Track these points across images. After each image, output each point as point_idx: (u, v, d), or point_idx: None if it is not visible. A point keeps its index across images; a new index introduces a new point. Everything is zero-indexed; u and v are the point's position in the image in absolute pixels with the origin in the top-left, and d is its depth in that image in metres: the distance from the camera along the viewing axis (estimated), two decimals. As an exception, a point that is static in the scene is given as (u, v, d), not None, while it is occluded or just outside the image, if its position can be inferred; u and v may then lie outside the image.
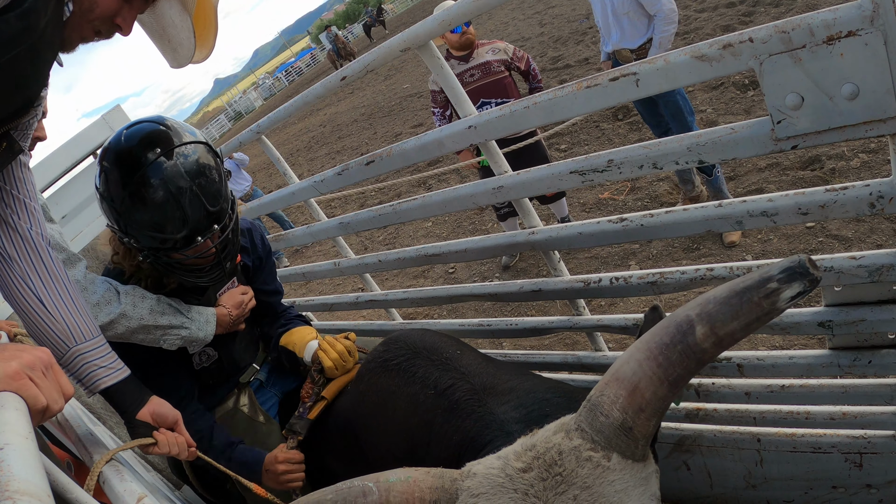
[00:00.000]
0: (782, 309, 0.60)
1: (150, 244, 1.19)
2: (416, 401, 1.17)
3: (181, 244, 1.18)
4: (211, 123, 43.48)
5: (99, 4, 0.87)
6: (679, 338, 0.63)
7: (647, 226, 1.24)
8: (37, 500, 0.51)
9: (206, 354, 1.55)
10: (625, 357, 0.66)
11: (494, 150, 1.41)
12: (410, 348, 1.28)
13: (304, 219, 7.34)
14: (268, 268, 1.69)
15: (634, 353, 0.65)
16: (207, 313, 1.45)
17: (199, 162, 1.17)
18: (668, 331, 0.64)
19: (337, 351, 1.48)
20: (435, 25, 1.27)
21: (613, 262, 3.56)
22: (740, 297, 0.61)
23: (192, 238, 1.18)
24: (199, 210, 1.17)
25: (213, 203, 1.19)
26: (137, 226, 1.17)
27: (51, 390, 0.74)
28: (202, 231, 1.19)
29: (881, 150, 3.20)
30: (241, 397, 1.65)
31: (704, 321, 0.62)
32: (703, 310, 0.63)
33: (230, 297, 1.52)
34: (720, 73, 0.95)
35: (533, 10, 12.18)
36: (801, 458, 1.43)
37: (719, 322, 0.61)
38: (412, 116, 9.71)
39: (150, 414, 1.15)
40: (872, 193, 0.95)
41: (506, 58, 3.38)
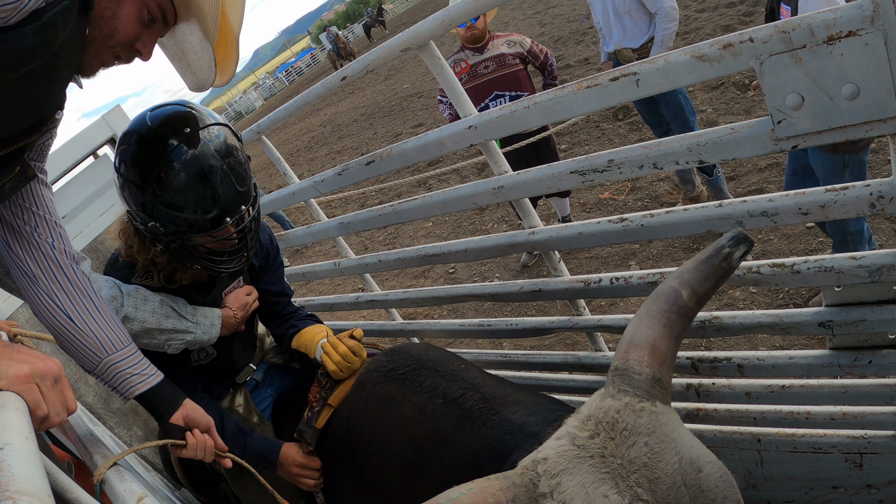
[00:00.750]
0: (735, 266, 0.82)
1: (178, 227, 1.18)
2: (425, 409, 1.16)
3: (210, 225, 1.18)
4: (211, 123, 43.34)
5: (119, 30, 0.87)
6: (672, 302, 0.81)
7: (647, 226, 1.24)
8: (37, 500, 0.51)
9: (206, 352, 1.54)
10: (633, 327, 0.81)
11: (494, 150, 1.41)
12: (415, 359, 1.27)
13: (304, 219, 7.35)
14: (274, 267, 1.66)
15: (641, 322, 0.81)
16: (213, 315, 1.43)
17: (226, 142, 1.18)
18: (662, 299, 0.82)
19: (340, 352, 1.43)
20: (435, 25, 1.27)
21: (614, 262, 3.56)
22: (706, 263, 0.83)
23: (221, 218, 1.18)
24: (230, 189, 1.16)
25: (242, 183, 1.19)
26: (166, 207, 1.15)
27: (55, 402, 0.76)
28: (232, 211, 1.19)
29: (881, 150, 3.20)
30: (236, 397, 1.64)
31: (686, 286, 0.82)
32: (682, 279, 0.83)
33: (235, 299, 1.51)
34: (720, 73, 0.95)
35: (533, 10, 12.18)
36: (801, 458, 1.43)
37: (697, 284, 0.82)
38: (412, 116, 9.71)
39: (183, 418, 1.17)
40: (872, 193, 0.94)
41: (521, 51, 3.35)
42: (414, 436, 1.17)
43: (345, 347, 1.44)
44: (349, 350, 1.44)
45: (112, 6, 0.85)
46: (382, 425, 1.26)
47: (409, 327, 2.13)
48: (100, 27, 0.85)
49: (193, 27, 0.96)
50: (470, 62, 3.37)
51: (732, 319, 1.30)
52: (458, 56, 3.42)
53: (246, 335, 1.64)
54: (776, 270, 1.15)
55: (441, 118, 8.37)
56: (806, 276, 1.11)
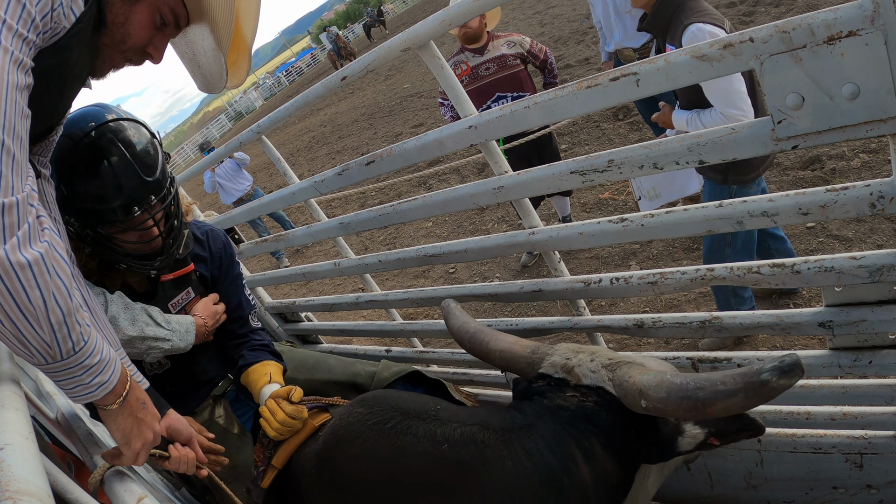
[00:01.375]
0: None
1: (88, 220, 1.20)
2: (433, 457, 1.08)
3: (119, 214, 1.19)
4: (211, 123, 43.51)
5: (132, 35, 0.87)
6: None
7: (647, 226, 1.24)
8: (37, 500, 0.51)
9: (158, 362, 1.50)
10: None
11: (495, 150, 1.41)
12: (397, 409, 1.19)
13: (304, 219, 7.35)
14: (231, 278, 1.60)
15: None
16: (186, 322, 1.43)
17: (132, 135, 1.21)
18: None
19: (279, 420, 1.38)
20: (435, 25, 1.27)
21: (614, 262, 3.56)
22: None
23: (129, 207, 1.19)
24: (134, 178, 1.19)
25: (148, 173, 1.21)
26: (77, 201, 1.18)
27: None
28: (139, 201, 1.20)
29: (881, 150, 3.20)
30: (216, 409, 1.63)
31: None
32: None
33: (204, 307, 1.49)
34: (721, 72, 0.95)
35: (533, 10, 12.18)
36: (801, 458, 1.43)
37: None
38: (412, 116, 9.71)
39: (166, 428, 1.15)
40: (873, 193, 0.94)
41: (521, 51, 3.34)
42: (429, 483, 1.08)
43: (283, 415, 1.39)
44: (287, 416, 1.39)
45: (125, 12, 0.85)
46: (389, 483, 1.14)
47: (409, 327, 2.13)
48: (112, 33, 0.85)
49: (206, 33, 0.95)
50: (471, 64, 3.35)
51: (732, 319, 1.30)
52: (458, 58, 3.40)
53: (212, 346, 1.60)
54: (776, 270, 1.15)
55: (441, 118, 8.38)
56: (806, 277, 1.11)
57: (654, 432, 0.97)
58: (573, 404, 1.00)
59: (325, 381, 1.77)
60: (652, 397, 0.89)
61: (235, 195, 6.41)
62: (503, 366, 1.19)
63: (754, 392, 0.79)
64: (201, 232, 1.57)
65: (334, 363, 1.85)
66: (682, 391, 0.86)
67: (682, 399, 0.85)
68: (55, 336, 0.75)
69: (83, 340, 0.80)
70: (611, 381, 0.99)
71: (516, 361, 1.12)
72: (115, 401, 0.92)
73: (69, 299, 0.76)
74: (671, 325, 1.39)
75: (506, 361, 1.17)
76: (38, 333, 0.73)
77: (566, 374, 1.04)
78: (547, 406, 1.02)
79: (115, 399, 0.91)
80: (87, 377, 0.83)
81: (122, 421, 0.95)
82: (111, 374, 0.88)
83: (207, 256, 1.55)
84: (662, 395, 0.88)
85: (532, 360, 1.10)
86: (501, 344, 1.15)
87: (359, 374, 1.80)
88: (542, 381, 1.07)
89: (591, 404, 0.99)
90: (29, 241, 0.69)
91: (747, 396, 0.80)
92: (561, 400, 1.01)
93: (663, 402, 0.88)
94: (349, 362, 1.86)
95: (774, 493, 1.54)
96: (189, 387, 1.59)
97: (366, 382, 1.79)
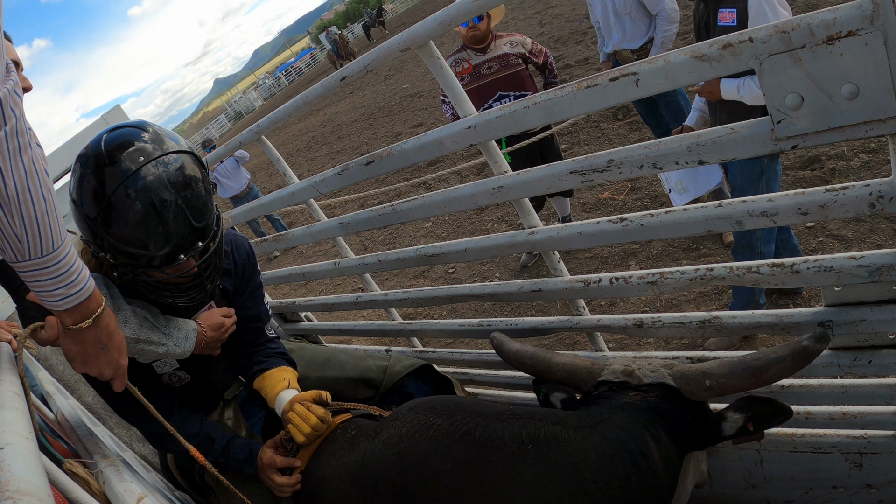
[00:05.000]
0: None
1: (127, 261, 1.10)
2: (521, 459, 1.13)
3: (162, 262, 1.10)
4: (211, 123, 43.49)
5: None
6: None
7: (647, 226, 1.24)
8: (37, 500, 0.51)
9: (178, 377, 1.45)
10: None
11: (494, 150, 1.41)
12: (478, 414, 1.23)
13: (304, 219, 7.35)
14: (251, 290, 1.53)
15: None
16: (188, 328, 1.35)
17: (184, 173, 1.09)
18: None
19: (311, 425, 1.34)
20: (435, 25, 1.27)
21: (613, 262, 3.56)
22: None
23: (174, 256, 1.09)
24: (184, 225, 1.08)
25: (199, 219, 1.11)
26: (115, 240, 1.07)
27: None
28: (186, 248, 1.10)
29: (881, 150, 3.20)
30: (225, 411, 1.62)
31: None
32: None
33: (208, 317, 1.41)
34: (720, 73, 0.95)
35: (533, 10, 12.18)
36: (801, 458, 1.43)
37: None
38: (412, 116, 9.71)
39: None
40: (872, 193, 0.94)
41: (523, 51, 3.34)
42: (519, 477, 1.12)
43: (315, 419, 1.35)
44: (319, 420, 1.35)
45: None
46: (480, 484, 1.16)
47: (409, 327, 2.13)
48: None
49: None
50: (472, 62, 3.35)
51: (732, 319, 1.30)
52: (459, 55, 3.40)
53: (224, 357, 1.55)
54: (776, 270, 1.15)
55: (441, 118, 8.37)
56: (805, 276, 1.11)
57: (704, 419, 1.12)
58: (638, 400, 1.12)
59: (336, 378, 1.76)
60: (716, 375, 1.06)
61: (232, 191, 6.53)
62: (564, 377, 1.28)
63: (798, 355, 0.99)
64: (227, 242, 1.45)
65: (345, 359, 1.83)
66: (741, 364, 1.04)
67: (743, 370, 1.03)
68: (26, 231, 0.73)
69: (52, 246, 0.77)
70: (670, 375, 1.12)
71: (577, 372, 1.24)
72: (81, 320, 0.88)
73: (44, 201, 0.74)
74: (671, 325, 1.39)
75: (568, 373, 1.27)
76: (10, 225, 0.72)
77: (627, 377, 1.16)
78: (615, 404, 1.13)
79: (81, 318, 0.88)
80: (50, 284, 0.81)
81: (80, 346, 0.92)
82: (78, 291, 0.85)
83: (232, 269, 1.46)
84: (726, 370, 1.05)
85: (592, 371, 1.22)
86: (563, 358, 1.29)
87: (370, 370, 1.79)
88: (604, 386, 1.18)
89: (654, 398, 1.11)
90: (16, 134, 0.69)
91: (793, 359, 0.99)
92: (626, 398, 1.13)
93: (727, 377, 1.04)
94: (359, 357, 1.86)
95: (774, 492, 1.54)
96: (206, 397, 1.57)
97: (377, 378, 1.78)
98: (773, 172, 2.17)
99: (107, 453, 1.10)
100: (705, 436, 1.12)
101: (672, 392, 1.11)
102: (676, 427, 1.09)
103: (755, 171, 2.16)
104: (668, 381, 1.12)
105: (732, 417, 1.12)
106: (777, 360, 1.00)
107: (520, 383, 1.92)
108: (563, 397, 1.33)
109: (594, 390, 1.20)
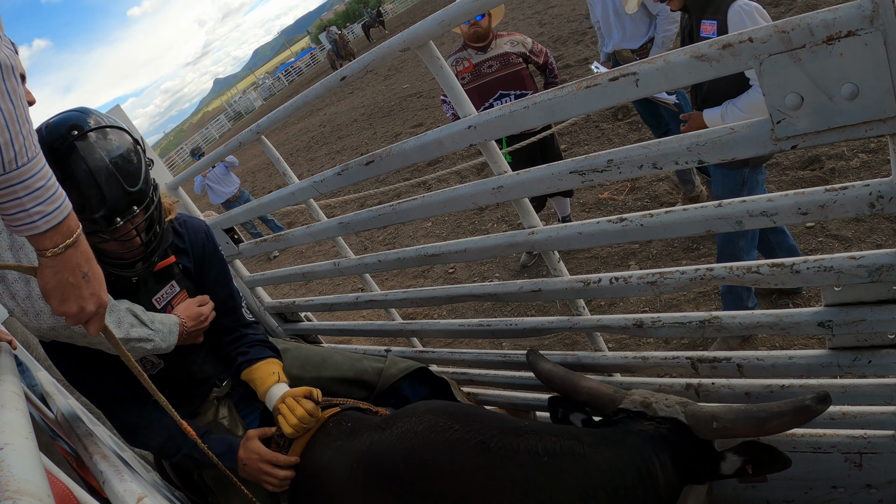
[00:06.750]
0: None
1: None
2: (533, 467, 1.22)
3: (102, 225, 1.17)
4: (211, 123, 43.49)
5: None
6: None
7: (646, 226, 1.24)
8: (36, 500, 0.51)
9: (150, 362, 1.48)
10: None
11: (494, 150, 1.41)
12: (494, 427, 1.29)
13: (304, 219, 7.35)
14: (215, 269, 1.57)
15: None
16: (170, 322, 1.40)
17: (115, 143, 1.19)
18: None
19: (297, 415, 1.43)
20: (435, 25, 1.27)
21: (613, 262, 3.56)
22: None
23: (111, 218, 1.18)
24: (117, 189, 1.17)
25: (132, 183, 1.20)
26: None
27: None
28: (121, 211, 1.19)
29: (881, 150, 3.21)
30: (220, 409, 1.63)
31: None
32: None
33: (187, 308, 1.47)
34: (720, 73, 0.95)
35: (533, 10, 12.18)
36: (800, 458, 1.43)
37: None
38: (412, 116, 9.71)
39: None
40: (872, 193, 0.94)
41: (524, 50, 3.34)
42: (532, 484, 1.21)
43: (302, 410, 1.43)
44: (306, 413, 1.43)
45: None
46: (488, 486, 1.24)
47: (409, 327, 2.13)
48: None
49: None
50: (473, 61, 3.35)
51: (732, 319, 1.30)
52: (460, 55, 3.40)
53: (206, 346, 1.59)
54: (776, 270, 1.15)
55: (441, 118, 8.37)
56: (805, 276, 1.11)
57: (707, 456, 1.21)
58: (651, 429, 1.21)
59: (332, 379, 1.77)
60: (723, 419, 1.15)
61: (223, 197, 6.64)
62: (588, 400, 1.38)
63: (799, 413, 1.07)
64: (179, 223, 1.53)
65: (341, 360, 1.84)
66: (747, 413, 1.14)
67: (748, 418, 1.13)
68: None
69: (26, 157, 0.73)
70: (683, 412, 1.22)
71: (601, 398, 1.35)
72: (61, 241, 0.84)
73: (12, 106, 0.70)
74: (670, 325, 1.39)
75: (591, 397, 1.37)
76: None
77: (644, 408, 1.26)
78: (630, 429, 1.24)
79: (62, 239, 0.84)
80: (28, 202, 0.77)
81: (61, 274, 0.86)
82: (57, 209, 0.81)
83: (188, 248, 1.52)
84: (732, 417, 1.15)
85: (614, 398, 1.32)
86: (589, 383, 1.40)
87: (366, 371, 1.80)
88: (622, 413, 1.29)
89: (666, 430, 1.20)
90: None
91: (794, 416, 1.08)
92: (641, 426, 1.23)
93: (732, 422, 1.14)
94: (356, 359, 1.86)
95: (774, 492, 1.54)
96: (188, 387, 1.58)
97: (373, 380, 1.79)
98: (755, 182, 2.19)
99: (107, 453, 1.10)
100: (706, 471, 1.21)
101: (682, 427, 1.20)
102: (681, 458, 1.19)
103: (737, 181, 2.19)
104: (681, 417, 1.21)
105: (731, 458, 1.20)
106: (779, 415, 1.09)
107: (520, 383, 1.92)
108: (583, 417, 1.44)
109: (613, 416, 1.30)
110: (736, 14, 1.91)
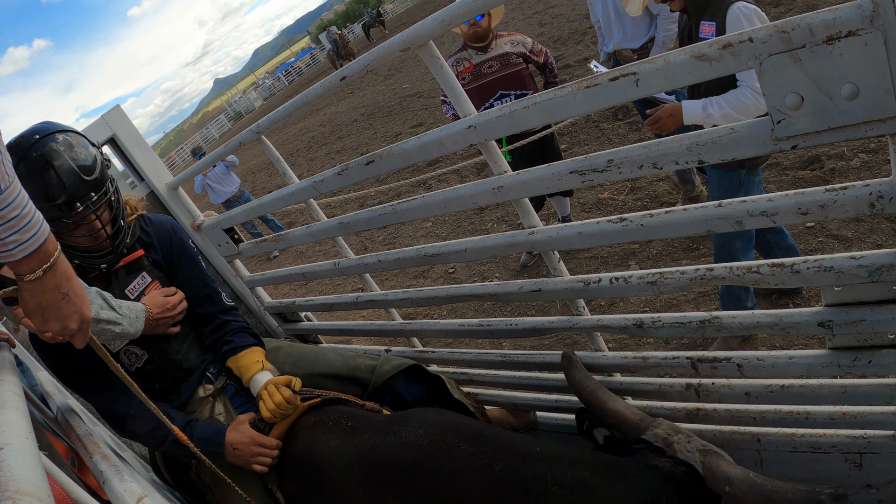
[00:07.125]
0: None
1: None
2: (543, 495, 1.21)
3: (63, 211, 1.32)
4: (211, 123, 43.50)
5: None
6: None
7: (647, 226, 1.24)
8: (37, 500, 0.51)
9: (135, 355, 1.57)
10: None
11: (494, 150, 1.41)
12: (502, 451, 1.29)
13: (304, 219, 7.35)
14: (186, 260, 1.67)
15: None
16: (137, 309, 1.49)
17: (72, 142, 1.37)
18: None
19: (275, 401, 1.51)
20: (435, 25, 1.27)
21: (613, 262, 3.56)
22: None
23: (72, 203, 1.33)
24: (74, 176, 1.33)
25: (87, 173, 1.36)
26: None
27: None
28: (81, 197, 1.34)
29: (881, 150, 3.20)
30: (216, 405, 1.65)
31: None
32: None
33: (153, 297, 1.56)
34: (720, 72, 0.95)
35: (533, 10, 12.18)
36: (800, 458, 1.43)
37: None
38: (412, 116, 9.71)
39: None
40: (872, 193, 0.94)
41: (524, 50, 3.34)
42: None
43: (280, 397, 1.52)
44: (284, 400, 1.52)
45: None
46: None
47: (409, 327, 2.13)
48: None
49: None
50: (473, 62, 3.35)
51: (732, 319, 1.30)
52: (460, 55, 3.40)
53: (190, 334, 1.67)
54: (776, 270, 1.15)
55: (441, 118, 8.37)
56: (805, 276, 1.11)
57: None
58: (667, 468, 1.22)
59: (324, 375, 1.79)
60: (737, 486, 1.15)
61: (224, 196, 6.66)
62: (612, 422, 1.38)
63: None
64: (145, 220, 1.66)
65: (334, 357, 1.86)
66: (760, 489, 1.13)
67: (760, 495, 1.12)
68: None
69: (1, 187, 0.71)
70: (701, 462, 1.21)
71: (626, 423, 1.34)
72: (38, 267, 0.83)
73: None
74: (670, 325, 1.39)
75: (616, 420, 1.37)
76: None
77: (665, 446, 1.25)
78: (647, 464, 1.24)
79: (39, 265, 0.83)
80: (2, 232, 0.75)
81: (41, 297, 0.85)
82: (33, 236, 0.80)
83: (154, 242, 1.63)
84: (745, 487, 1.14)
85: (638, 427, 1.32)
86: (617, 406, 1.39)
87: (359, 369, 1.81)
88: (643, 444, 1.29)
89: (680, 472, 1.21)
90: None
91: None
92: (658, 462, 1.24)
93: (744, 493, 1.14)
94: (349, 356, 1.87)
95: (774, 492, 1.54)
96: (174, 377, 1.63)
97: (366, 377, 1.80)
98: (752, 184, 2.19)
99: (106, 453, 1.10)
100: None
101: (696, 475, 1.20)
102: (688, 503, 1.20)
103: (733, 183, 2.19)
104: (698, 467, 1.21)
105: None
106: (791, 502, 1.08)
107: (520, 383, 1.92)
108: (606, 434, 1.44)
109: (634, 443, 1.31)
110: (735, 16, 1.92)
